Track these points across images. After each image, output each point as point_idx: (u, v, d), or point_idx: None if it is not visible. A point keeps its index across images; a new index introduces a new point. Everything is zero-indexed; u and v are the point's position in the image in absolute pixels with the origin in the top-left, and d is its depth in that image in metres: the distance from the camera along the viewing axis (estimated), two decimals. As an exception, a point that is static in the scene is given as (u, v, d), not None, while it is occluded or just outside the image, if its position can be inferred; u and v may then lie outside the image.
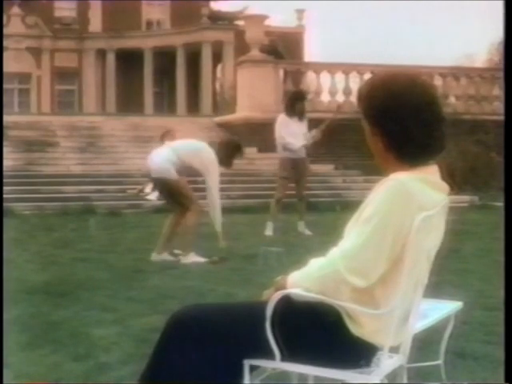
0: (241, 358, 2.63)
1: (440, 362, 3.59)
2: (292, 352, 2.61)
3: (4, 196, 12.84)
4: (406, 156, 2.63)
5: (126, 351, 4.57)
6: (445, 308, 3.57)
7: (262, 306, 2.60)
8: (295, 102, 10.82)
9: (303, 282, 2.58)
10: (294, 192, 11.15)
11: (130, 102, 40.35)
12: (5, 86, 41.45)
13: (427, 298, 3.12)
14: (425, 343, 3.63)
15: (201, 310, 2.77)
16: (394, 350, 2.73)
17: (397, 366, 2.79)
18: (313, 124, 11.07)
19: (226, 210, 14.36)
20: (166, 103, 44.41)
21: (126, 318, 5.45)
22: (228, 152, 8.77)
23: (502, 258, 3.75)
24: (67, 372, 4.23)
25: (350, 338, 2.61)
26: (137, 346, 4.57)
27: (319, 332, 2.63)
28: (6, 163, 14.28)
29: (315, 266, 2.60)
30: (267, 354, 2.60)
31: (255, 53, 20.13)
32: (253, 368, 2.69)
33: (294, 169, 10.77)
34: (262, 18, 20.49)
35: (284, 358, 2.61)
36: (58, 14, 43.85)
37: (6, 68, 40.04)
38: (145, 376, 2.69)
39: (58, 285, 6.65)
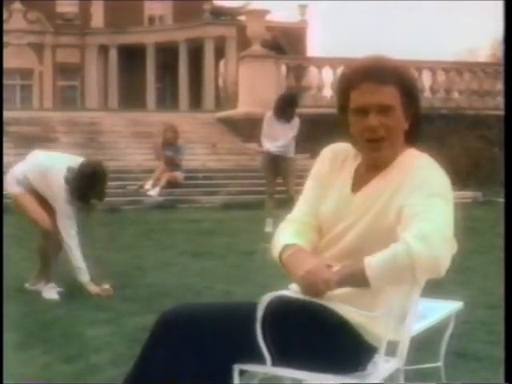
0: (231, 361, 2.51)
1: (440, 363, 3.47)
2: (284, 356, 2.50)
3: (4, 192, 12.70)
4: (416, 136, 2.68)
5: (117, 352, 4.49)
6: (445, 308, 3.46)
7: (253, 307, 2.49)
8: (285, 108, 10.64)
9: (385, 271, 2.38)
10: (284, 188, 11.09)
11: (132, 97, 40.29)
12: (7, 81, 41.43)
13: (427, 298, 3.01)
14: (424, 344, 3.51)
15: (191, 310, 2.67)
16: (391, 353, 2.63)
17: (394, 370, 2.69)
18: (313, 119, 10.98)
19: (226, 206, 14.45)
20: (168, 99, 44.33)
21: (120, 318, 5.37)
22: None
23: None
24: (57, 373, 4.18)
25: (347, 339, 2.53)
26: (129, 347, 4.47)
27: (314, 334, 2.53)
28: (6, 159, 14.13)
29: (394, 255, 2.36)
30: (259, 357, 2.49)
31: (256, 48, 20.02)
32: (243, 370, 2.57)
33: (274, 165, 10.78)
34: (264, 12, 20.36)
35: (275, 363, 2.49)
36: (59, 9, 43.78)
37: (8, 64, 40.04)
38: (131, 375, 2.60)
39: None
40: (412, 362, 2.94)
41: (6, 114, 18.36)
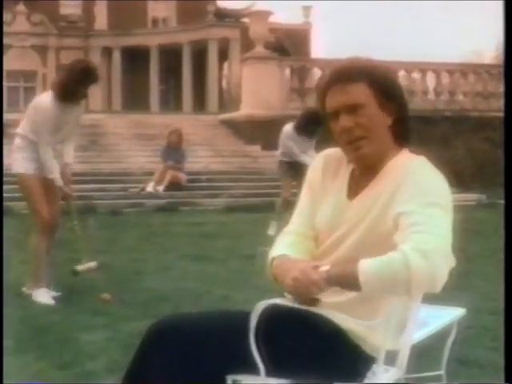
0: (224, 371, 2.42)
1: (442, 372, 3.37)
2: (279, 366, 2.40)
3: (4, 195, 12.63)
4: (405, 135, 2.58)
5: (112, 358, 4.40)
6: (447, 315, 3.35)
7: (247, 316, 2.40)
8: (308, 126, 10.18)
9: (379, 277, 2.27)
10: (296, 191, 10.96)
11: (135, 99, 40.26)
12: (10, 84, 41.49)
13: (428, 304, 2.92)
14: (425, 350, 3.41)
15: (182, 320, 2.59)
16: (390, 362, 2.53)
17: (393, 381, 2.59)
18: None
19: (229, 209, 14.36)
20: (172, 101, 44.29)
21: (117, 323, 5.28)
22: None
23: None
24: (52, 380, 4.08)
25: (343, 349, 2.45)
26: (124, 353, 4.36)
27: (309, 344, 2.44)
28: (5, 161, 14.06)
29: (391, 264, 2.26)
30: (253, 367, 2.39)
31: (259, 49, 19.94)
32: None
33: (292, 171, 10.57)
34: (267, 14, 20.28)
35: (270, 373, 2.40)
36: (63, 11, 43.75)
37: (12, 66, 40.02)
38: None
39: (50, 287, 6.43)
40: (413, 370, 2.84)
41: (9, 116, 18.28)
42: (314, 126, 10.02)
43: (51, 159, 6.22)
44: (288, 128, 10.52)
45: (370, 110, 2.49)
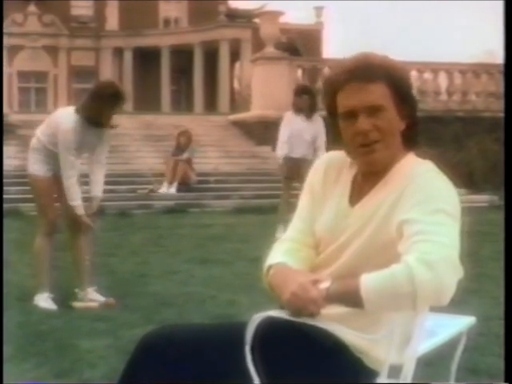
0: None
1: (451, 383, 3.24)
2: (277, 381, 2.28)
3: (11, 196, 12.61)
4: (414, 139, 2.45)
5: (112, 366, 4.26)
6: (456, 324, 3.22)
7: (242, 328, 2.28)
8: (298, 98, 10.40)
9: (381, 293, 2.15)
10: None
11: (147, 100, 40.23)
12: (21, 84, 41.67)
13: (436, 311, 2.78)
14: (433, 359, 3.27)
15: (174, 331, 2.48)
16: (395, 374, 2.40)
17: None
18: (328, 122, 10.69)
19: (238, 211, 14.24)
20: (183, 101, 44.31)
21: (118, 329, 5.16)
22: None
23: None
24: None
25: (344, 363, 2.32)
26: (124, 361, 4.24)
27: (308, 358, 2.32)
28: (14, 162, 14.06)
29: (395, 278, 2.14)
30: (247, 381, 2.26)
31: (270, 49, 19.82)
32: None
33: (294, 168, 10.36)
34: (277, 14, 20.15)
35: (266, 388, 2.28)
36: (74, 12, 43.83)
37: (23, 67, 40.18)
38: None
39: (53, 291, 6.29)
40: (420, 378, 2.71)
41: (20, 117, 18.24)
42: (303, 98, 10.30)
43: (74, 185, 6.02)
44: (287, 113, 10.70)
45: (389, 113, 2.36)
